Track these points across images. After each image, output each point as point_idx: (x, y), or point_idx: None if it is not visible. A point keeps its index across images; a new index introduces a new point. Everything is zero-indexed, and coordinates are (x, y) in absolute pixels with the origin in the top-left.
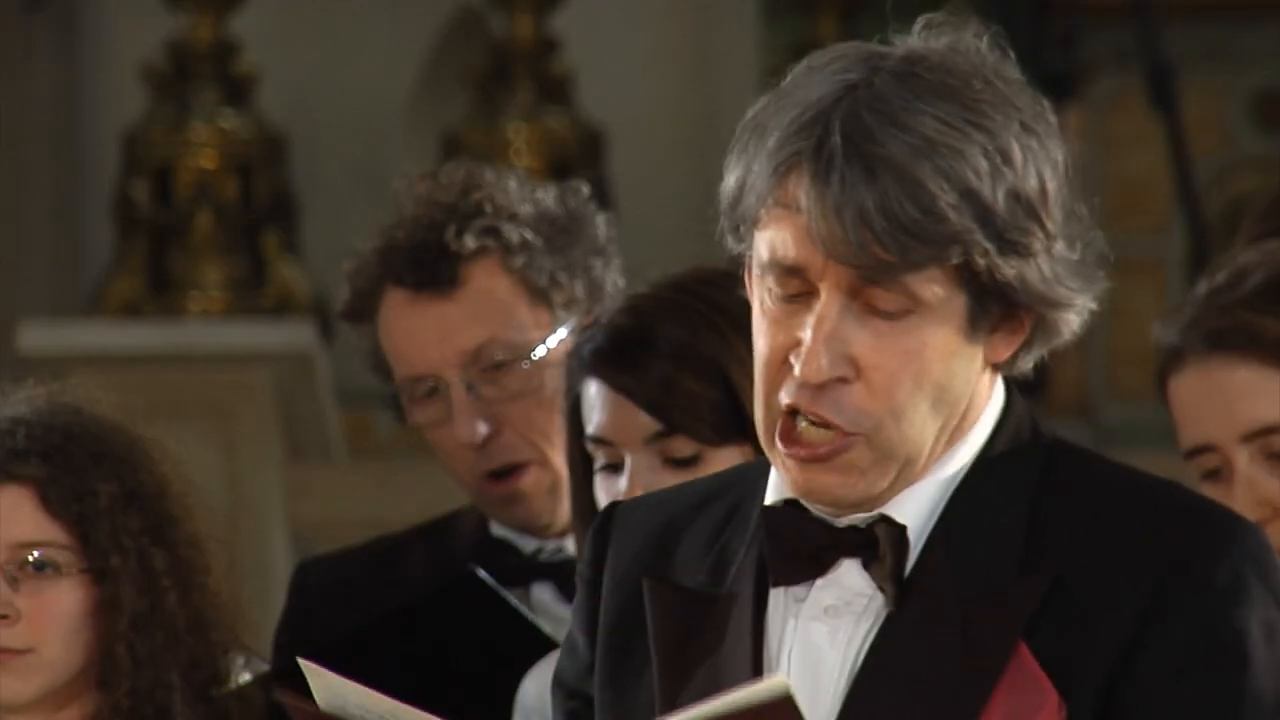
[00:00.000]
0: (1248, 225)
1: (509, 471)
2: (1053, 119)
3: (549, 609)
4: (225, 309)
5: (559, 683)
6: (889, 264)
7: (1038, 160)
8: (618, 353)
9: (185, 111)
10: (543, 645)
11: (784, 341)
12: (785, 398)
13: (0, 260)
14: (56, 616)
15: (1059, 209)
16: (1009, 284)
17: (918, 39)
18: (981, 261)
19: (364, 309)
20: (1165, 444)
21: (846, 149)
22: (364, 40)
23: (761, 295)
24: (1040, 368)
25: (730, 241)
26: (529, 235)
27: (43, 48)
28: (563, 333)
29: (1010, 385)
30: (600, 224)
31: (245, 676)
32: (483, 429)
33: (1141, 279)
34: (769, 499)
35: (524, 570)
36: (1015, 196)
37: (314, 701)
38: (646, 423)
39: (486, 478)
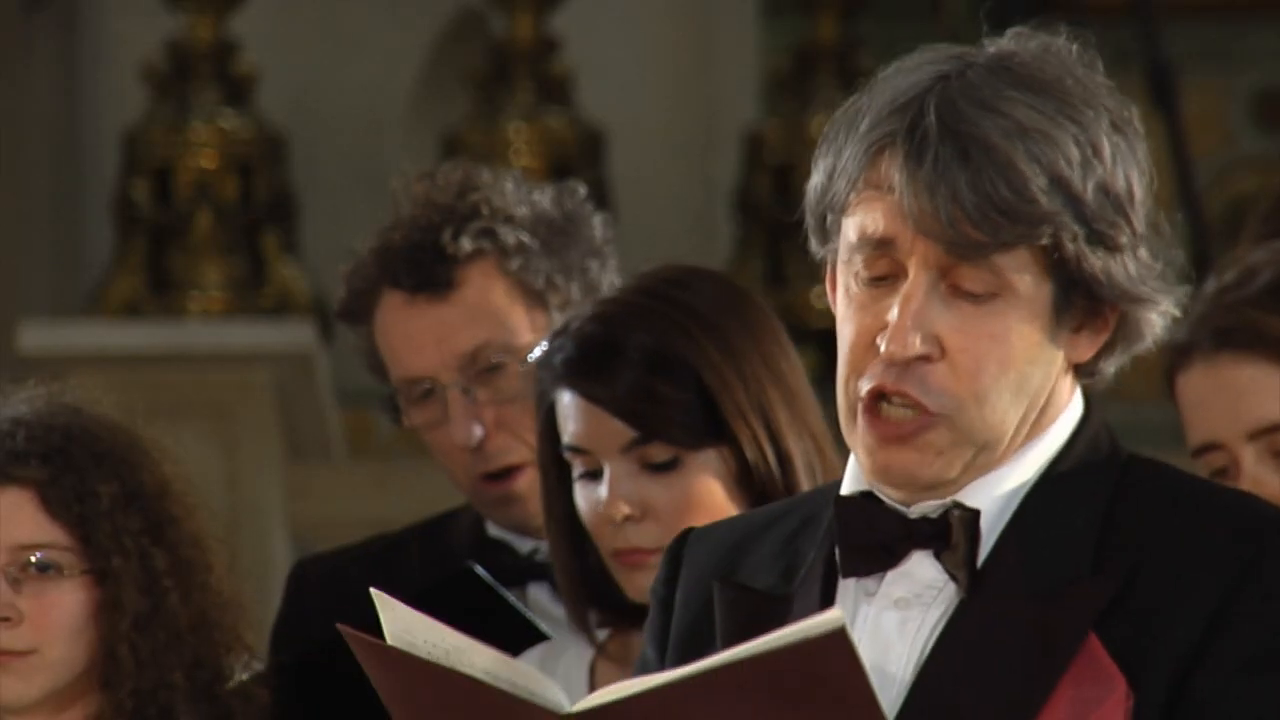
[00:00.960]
0: (1252, 225)
1: (504, 473)
2: (1140, 127)
3: (545, 609)
4: (225, 309)
5: None
6: (979, 243)
7: (1126, 161)
8: (588, 362)
9: (185, 111)
10: (539, 641)
11: (870, 324)
12: (870, 381)
13: (0, 260)
14: (59, 618)
15: (1144, 214)
16: (1095, 276)
17: (1009, 43)
18: (1070, 248)
19: (360, 310)
20: (1166, 445)
21: (940, 129)
22: (364, 40)
23: (847, 281)
24: None
25: (814, 243)
26: (525, 237)
27: (43, 48)
28: None
29: (1090, 398)
30: (597, 225)
31: (244, 677)
32: (478, 431)
33: None
34: (844, 490)
35: (520, 570)
36: (1104, 190)
37: (379, 640)
38: (621, 431)
39: (482, 479)
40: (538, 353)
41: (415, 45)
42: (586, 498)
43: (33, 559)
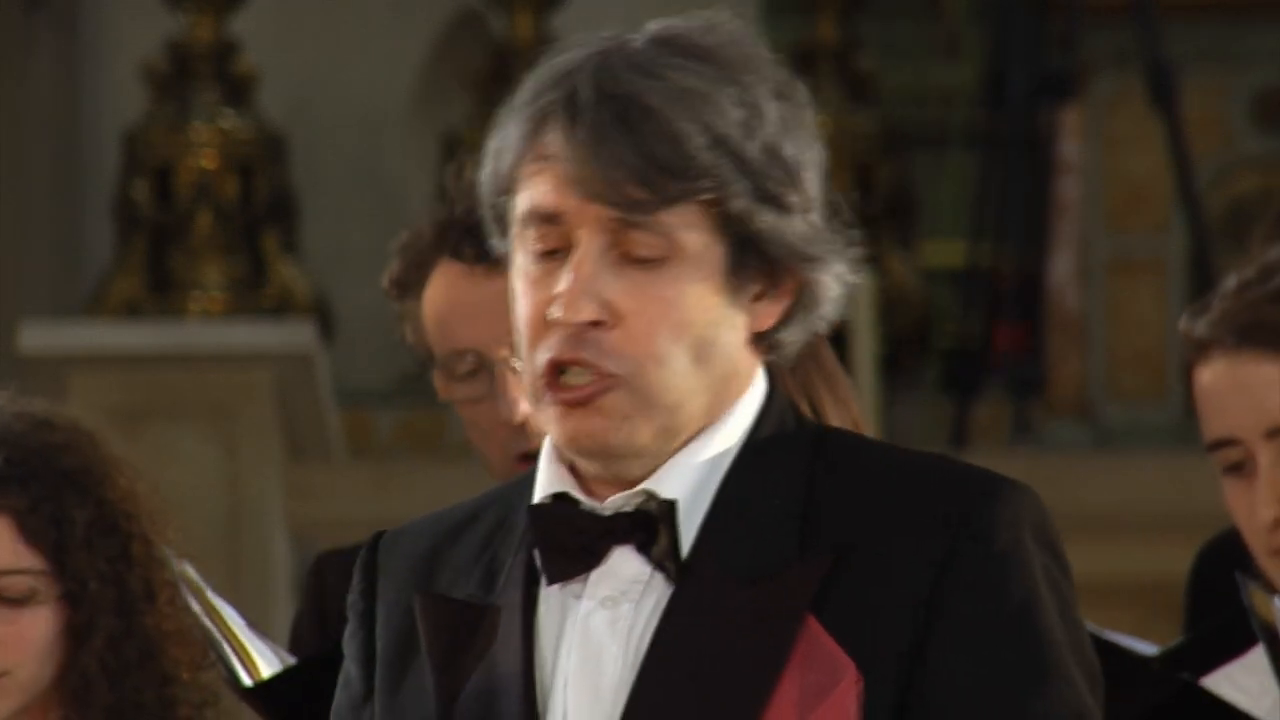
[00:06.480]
0: (1264, 224)
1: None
2: (807, 102)
3: None
4: (225, 309)
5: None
6: (643, 202)
7: (792, 129)
8: None
9: (185, 111)
10: None
11: (544, 299)
12: (547, 352)
13: (0, 260)
14: (32, 640)
15: (817, 187)
16: (764, 234)
17: (674, 22)
18: (737, 204)
19: (412, 281)
20: (1165, 444)
21: (598, 95)
22: (364, 40)
23: (522, 261)
24: (1040, 367)
25: (495, 238)
26: None
27: (43, 48)
28: None
29: (772, 374)
30: None
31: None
32: (525, 408)
33: (1141, 279)
34: (536, 497)
35: None
36: (770, 152)
37: None
38: None
39: (519, 459)
40: None
41: (415, 45)
42: None
43: (7, 584)
